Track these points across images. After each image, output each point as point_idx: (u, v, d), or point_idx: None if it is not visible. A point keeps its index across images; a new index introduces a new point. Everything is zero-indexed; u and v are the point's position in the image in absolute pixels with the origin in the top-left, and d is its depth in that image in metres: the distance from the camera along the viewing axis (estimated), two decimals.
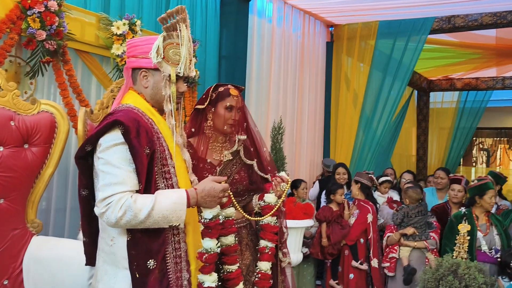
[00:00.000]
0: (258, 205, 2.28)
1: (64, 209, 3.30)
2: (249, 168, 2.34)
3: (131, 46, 1.88)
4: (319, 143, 6.41)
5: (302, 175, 5.87)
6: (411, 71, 6.07)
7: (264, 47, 5.21)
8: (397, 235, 3.94)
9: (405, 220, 3.95)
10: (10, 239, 2.39)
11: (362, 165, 6.00)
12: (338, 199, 4.25)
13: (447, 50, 7.19)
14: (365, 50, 6.25)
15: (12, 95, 2.47)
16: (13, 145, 2.40)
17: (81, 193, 1.84)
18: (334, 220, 4.17)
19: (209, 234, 1.86)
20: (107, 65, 3.51)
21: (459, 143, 9.13)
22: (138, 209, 1.63)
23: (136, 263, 1.69)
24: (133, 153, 1.68)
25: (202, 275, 1.85)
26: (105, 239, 1.77)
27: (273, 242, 2.23)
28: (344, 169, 4.86)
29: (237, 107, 2.26)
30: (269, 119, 5.11)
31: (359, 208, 4.28)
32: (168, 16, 1.83)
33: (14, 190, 2.40)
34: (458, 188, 4.13)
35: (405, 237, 3.91)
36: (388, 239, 4.01)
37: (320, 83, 6.42)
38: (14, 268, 2.38)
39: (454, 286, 3.27)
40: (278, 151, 3.83)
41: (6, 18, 2.73)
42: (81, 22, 3.26)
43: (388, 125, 6.25)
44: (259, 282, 2.18)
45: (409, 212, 3.97)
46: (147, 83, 1.85)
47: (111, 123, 1.69)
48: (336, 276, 4.24)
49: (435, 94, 9.23)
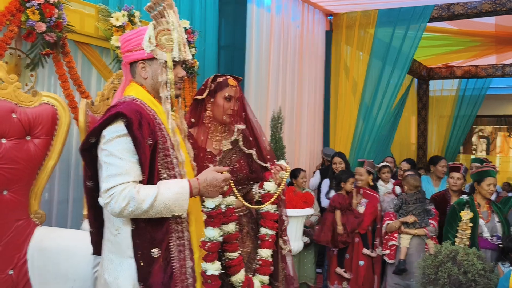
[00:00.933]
0: (258, 193, 2.31)
1: (66, 200, 3.33)
2: (249, 157, 2.36)
3: (124, 41, 1.90)
4: (318, 132, 6.42)
5: (301, 164, 5.89)
6: (410, 60, 6.05)
7: (263, 37, 5.21)
8: (397, 223, 3.96)
9: (404, 207, 3.98)
10: (14, 230, 2.42)
11: (362, 154, 6.02)
12: (348, 188, 4.23)
13: (446, 38, 7.17)
14: (364, 39, 6.23)
15: (13, 87, 2.49)
16: (15, 137, 2.42)
17: (86, 184, 1.87)
18: (346, 208, 4.18)
19: (211, 223, 1.89)
20: (107, 57, 3.52)
21: (459, 131, 9.14)
22: (141, 199, 1.66)
23: (140, 252, 1.73)
24: (136, 144, 1.70)
25: (205, 263, 1.88)
26: (110, 229, 1.80)
27: (274, 229, 2.26)
28: (341, 159, 4.85)
29: (235, 97, 2.29)
30: (268, 109, 5.11)
31: (367, 197, 4.29)
32: (154, 4, 1.85)
33: (17, 182, 2.43)
34: (457, 176, 4.15)
35: (405, 225, 3.94)
36: (387, 227, 4.03)
37: (319, 72, 6.41)
38: (19, 259, 2.42)
39: (453, 273, 3.30)
40: (278, 141, 3.85)
41: (5, 10, 2.73)
42: (80, 13, 3.26)
43: (388, 114, 6.25)
44: (260, 269, 2.22)
45: (407, 199, 4.00)
46: (146, 74, 1.87)
47: (114, 115, 1.71)
48: (343, 264, 4.21)
49: (435, 82, 9.21)
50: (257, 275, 2.22)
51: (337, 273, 4.22)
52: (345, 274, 4.18)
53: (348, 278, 4.19)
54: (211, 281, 1.88)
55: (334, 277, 4.26)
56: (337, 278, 4.24)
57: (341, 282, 4.24)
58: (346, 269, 4.20)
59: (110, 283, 1.76)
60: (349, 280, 4.20)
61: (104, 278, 1.79)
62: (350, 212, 4.17)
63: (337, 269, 4.21)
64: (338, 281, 4.24)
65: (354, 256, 4.22)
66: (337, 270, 4.21)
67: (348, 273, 4.19)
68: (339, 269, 4.20)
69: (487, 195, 3.68)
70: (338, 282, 4.24)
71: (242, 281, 2.14)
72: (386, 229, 4.03)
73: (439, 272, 3.37)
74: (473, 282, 3.25)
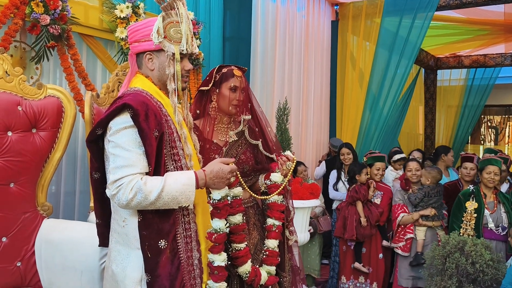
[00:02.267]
0: (264, 184, 2.31)
1: (73, 192, 3.35)
2: (255, 148, 2.35)
3: (132, 31, 1.88)
4: (325, 123, 6.40)
5: (308, 155, 5.88)
6: (417, 49, 5.98)
7: (268, 28, 5.17)
8: (416, 215, 3.88)
9: (425, 200, 3.90)
10: (21, 222, 2.44)
11: (368, 144, 5.98)
12: (363, 179, 4.18)
13: (454, 27, 7.09)
14: (371, 28, 6.17)
15: (19, 80, 2.49)
16: (21, 130, 2.43)
17: (93, 176, 1.87)
18: (368, 199, 4.13)
19: (218, 214, 1.89)
20: (111, 49, 3.51)
21: (467, 121, 9.06)
22: (148, 190, 1.67)
23: (147, 243, 1.73)
24: (142, 136, 1.70)
25: (212, 254, 1.89)
26: (117, 220, 1.80)
27: (280, 220, 2.26)
28: (348, 149, 4.82)
29: (241, 87, 2.27)
30: (274, 100, 5.09)
31: (381, 190, 4.26)
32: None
33: (24, 174, 2.44)
34: (471, 166, 4.13)
35: (423, 217, 3.89)
36: (402, 219, 3.93)
37: (325, 63, 6.37)
38: (27, 250, 2.44)
39: (461, 263, 3.29)
40: (284, 132, 3.83)
41: (9, 3, 2.73)
42: (84, 5, 3.25)
43: (395, 104, 6.20)
44: (267, 259, 2.22)
45: (430, 192, 3.91)
46: (152, 66, 1.86)
47: (120, 107, 1.71)
48: (360, 258, 4.15)
49: (443, 72, 9.12)
50: (264, 265, 2.23)
51: (356, 268, 4.15)
52: (364, 269, 4.13)
53: (366, 273, 4.15)
54: (217, 272, 1.88)
55: (349, 272, 4.21)
56: (353, 273, 4.19)
57: (357, 277, 4.19)
58: (364, 264, 4.15)
59: (118, 274, 1.77)
60: (367, 275, 4.16)
61: (111, 269, 1.80)
62: (371, 203, 4.14)
63: (356, 264, 4.15)
64: (354, 276, 4.20)
65: (372, 249, 4.17)
66: (355, 265, 4.15)
67: (367, 268, 4.14)
68: (358, 264, 4.14)
69: (488, 184, 3.67)
70: (354, 277, 4.20)
71: (249, 272, 2.14)
72: (401, 222, 3.95)
73: (447, 262, 3.36)
74: (481, 272, 3.24)
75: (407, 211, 3.98)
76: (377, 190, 4.26)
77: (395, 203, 4.09)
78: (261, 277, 2.18)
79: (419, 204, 3.93)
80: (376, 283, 4.14)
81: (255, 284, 2.17)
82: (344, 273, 4.25)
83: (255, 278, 2.15)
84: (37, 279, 2.44)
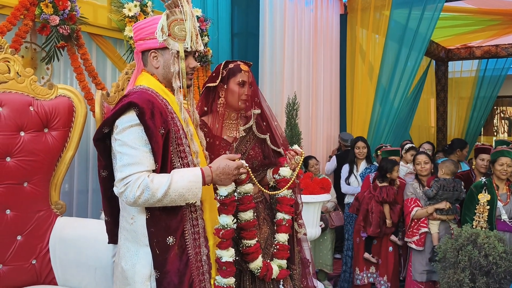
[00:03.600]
0: (273, 179, 2.31)
1: (86, 190, 3.39)
2: (262, 143, 2.36)
3: (137, 29, 1.89)
4: (335, 118, 6.37)
5: (318, 149, 5.87)
6: (427, 41, 5.92)
7: (276, 23, 5.16)
8: (430, 209, 3.82)
9: (440, 193, 3.84)
10: (36, 221, 2.48)
11: (379, 138, 5.95)
12: (394, 176, 4.12)
13: (465, 17, 7.00)
14: (380, 21, 6.12)
15: (30, 80, 2.52)
16: (33, 130, 2.46)
17: (101, 174, 1.90)
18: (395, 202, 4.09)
19: (225, 210, 1.90)
20: (120, 48, 3.54)
21: (479, 113, 8.96)
22: (155, 188, 1.68)
23: (155, 240, 1.74)
24: (148, 134, 1.71)
25: (220, 250, 1.90)
26: (126, 217, 1.82)
27: (290, 214, 2.27)
28: (364, 143, 4.79)
29: (248, 82, 2.27)
30: (283, 95, 5.09)
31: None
32: None
33: (37, 174, 2.48)
34: (487, 157, 4.07)
35: (437, 211, 3.85)
36: (416, 213, 3.87)
37: (334, 57, 6.34)
38: (41, 248, 2.48)
39: (474, 256, 3.27)
40: (294, 127, 3.83)
41: (19, 4, 2.77)
42: (93, 5, 3.28)
43: (406, 97, 6.15)
44: (278, 253, 2.23)
45: (446, 185, 3.84)
46: (157, 63, 1.87)
47: (126, 105, 1.72)
48: (370, 249, 4.16)
49: (454, 64, 9.02)
50: (275, 259, 2.23)
51: (365, 258, 4.17)
52: (372, 259, 4.14)
53: (375, 264, 4.15)
54: (226, 268, 1.89)
55: (362, 263, 4.22)
56: (365, 264, 4.20)
57: (368, 268, 4.20)
58: (374, 255, 4.15)
59: (127, 271, 1.78)
60: (377, 266, 4.16)
61: (121, 266, 1.82)
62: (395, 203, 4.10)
63: (365, 254, 4.17)
64: (366, 266, 4.21)
65: (383, 242, 4.16)
66: (365, 256, 4.17)
67: (375, 258, 4.14)
68: (367, 254, 4.16)
69: (501, 176, 3.63)
70: (366, 268, 4.22)
71: (261, 267, 2.15)
72: (415, 216, 3.88)
73: (460, 255, 3.34)
74: (494, 265, 3.22)
75: (420, 205, 3.93)
76: None
77: (407, 197, 4.02)
78: (273, 271, 2.19)
79: (433, 198, 3.88)
80: (386, 276, 4.13)
81: (267, 278, 2.18)
82: (358, 265, 4.26)
83: (266, 273, 2.17)
84: (52, 276, 2.48)
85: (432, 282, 3.90)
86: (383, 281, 4.13)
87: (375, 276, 4.19)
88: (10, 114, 2.39)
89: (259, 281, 2.21)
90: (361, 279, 4.22)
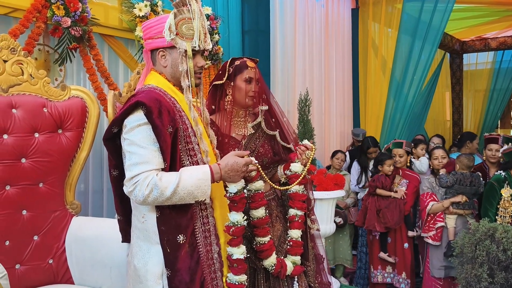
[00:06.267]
0: (284, 175, 2.30)
1: (100, 190, 3.42)
2: (271, 139, 2.34)
3: (146, 28, 1.90)
4: (348, 113, 6.32)
5: (332, 146, 5.83)
6: (441, 33, 5.84)
7: (287, 19, 5.13)
8: (446, 203, 3.78)
9: (456, 187, 3.79)
10: (52, 221, 2.51)
11: (394, 133, 5.89)
12: (386, 170, 4.10)
13: (479, 9, 6.88)
14: (392, 15, 6.06)
15: (43, 82, 2.55)
16: (48, 131, 2.49)
17: (112, 173, 1.91)
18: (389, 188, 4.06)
19: (235, 207, 1.89)
20: (132, 48, 3.56)
21: (495, 106, 8.82)
22: (164, 186, 1.68)
23: (166, 238, 1.75)
24: (156, 132, 1.71)
25: (231, 247, 1.89)
26: (137, 216, 1.84)
27: (303, 210, 2.25)
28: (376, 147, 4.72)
29: (255, 78, 2.25)
30: (295, 92, 5.06)
31: (407, 178, 4.16)
32: None
33: (52, 174, 2.51)
34: (496, 147, 4.03)
35: (454, 205, 3.80)
36: (432, 208, 3.84)
37: (346, 52, 6.29)
38: (58, 248, 2.51)
39: (492, 251, 3.22)
40: (306, 123, 3.80)
41: (31, 7, 2.80)
42: (104, 6, 3.31)
43: (420, 91, 6.07)
44: (292, 250, 2.22)
45: (462, 180, 3.79)
46: (165, 62, 1.88)
47: (133, 105, 1.73)
48: (386, 248, 4.10)
49: (469, 56, 8.90)
50: (288, 256, 2.22)
51: (381, 258, 4.12)
52: (389, 259, 4.08)
53: (392, 263, 4.10)
54: (237, 265, 1.89)
55: (377, 262, 4.16)
56: (381, 263, 4.15)
57: (385, 267, 4.15)
58: (390, 254, 4.10)
59: (139, 269, 1.79)
60: (394, 265, 4.11)
61: (133, 264, 1.83)
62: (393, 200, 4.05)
63: (381, 254, 4.11)
64: (381, 266, 4.16)
65: (397, 239, 4.10)
66: (380, 255, 4.11)
67: (392, 257, 4.09)
68: (383, 254, 4.10)
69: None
70: (382, 267, 4.16)
71: (275, 264, 2.14)
72: (431, 210, 3.84)
73: (477, 250, 3.29)
74: None
75: (436, 200, 3.89)
76: (403, 179, 4.18)
77: (423, 191, 3.99)
78: (287, 268, 2.18)
79: (449, 191, 3.83)
80: (405, 273, 4.08)
81: (281, 275, 2.17)
82: (372, 263, 4.21)
83: (281, 270, 2.16)
84: (69, 275, 2.51)
85: (450, 278, 3.85)
86: (402, 278, 4.08)
87: (392, 276, 4.14)
88: (25, 115, 2.43)
89: (273, 279, 2.20)
90: (375, 276, 4.18)
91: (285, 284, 2.22)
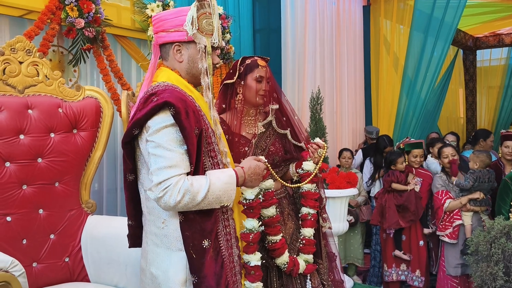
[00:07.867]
0: (296, 174, 2.30)
1: (115, 189, 3.45)
2: (282, 138, 2.34)
3: (159, 20, 1.78)
4: (360, 111, 6.29)
5: (344, 144, 5.81)
6: (454, 30, 5.78)
7: (298, 17, 5.12)
8: (464, 200, 3.75)
9: (475, 185, 3.75)
10: (67, 220, 2.54)
11: (406, 131, 5.84)
12: (399, 168, 4.09)
13: (492, 4, 6.80)
14: (404, 11, 6.01)
15: (58, 83, 2.59)
16: (63, 131, 2.53)
17: (127, 178, 1.82)
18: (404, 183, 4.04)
19: (251, 214, 1.87)
20: (144, 48, 3.59)
21: (510, 102, 8.69)
22: (196, 191, 1.61)
23: (191, 244, 1.67)
24: (185, 134, 1.62)
25: (247, 255, 1.86)
26: (155, 221, 1.74)
27: (315, 208, 2.25)
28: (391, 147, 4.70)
29: (266, 77, 2.25)
30: (307, 90, 5.05)
31: (421, 176, 4.14)
32: None
33: (67, 174, 2.54)
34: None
35: (471, 201, 3.77)
36: (450, 205, 3.81)
37: (358, 49, 6.25)
38: (74, 246, 2.54)
39: (507, 248, 3.19)
40: (318, 122, 3.80)
41: (46, 9, 2.84)
42: (116, 7, 3.34)
43: (433, 88, 6.01)
44: (304, 248, 2.22)
45: (481, 177, 3.76)
46: (181, 57, 1.78)
47: (161, 105, 1.61)
48: (400, 246, 4.09)
49: (482, 52, 8.79)
50: (301, 254, 2.23)
51: (396, 256, 4.10)
52: (404, 256, 4.06)
53: (407, 260, 4.08)
54: (254, 272, 1.87)
55: (391, 260, 4.15)
56: (395, 261, 4.14)
57: (399, 265, 4.13)
58: (405, 251, 4.09)
59: (158, 277, 1.72)
60: (408, 262, 4.09)
61: (150, 272, 1.76)
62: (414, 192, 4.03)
63: (396, 252, 4.10)
64: (396, 263, 4.14)
65: (412, 237, 4.09)
66: (395, 253, 4.10)
67: (407, 255, 4.08)
68: (398, 252, 4.09)
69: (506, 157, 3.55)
70: (396, 265, 4.14)
71: (287, 262, 2.15)
72: (448, 208, 3.81)
73: (493, 248, 3.25)
74: None
75: (452, 197, 3.85)
76: (416, 177, 4.15)
77: (436, 189, 3.95)
78: (299, 266, 2.18)
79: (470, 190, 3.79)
80: (419, 271, 4.06)
81: (293, 273, 2.18)
82: (386, 261, 4.19)
83: (293, 268, 2.16)
84: (84, 273, 2.54)
85: (466, 276, 3.82)
86: (416, 276, 4.06)
87: (406, 274, 4.12)
88: (40, 116, 2.46)
89: (286, 277, 2.21)
90: (389, 275, 4.16)
91: (298, 282, 2.23)
